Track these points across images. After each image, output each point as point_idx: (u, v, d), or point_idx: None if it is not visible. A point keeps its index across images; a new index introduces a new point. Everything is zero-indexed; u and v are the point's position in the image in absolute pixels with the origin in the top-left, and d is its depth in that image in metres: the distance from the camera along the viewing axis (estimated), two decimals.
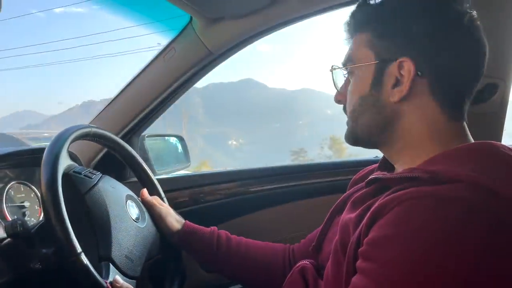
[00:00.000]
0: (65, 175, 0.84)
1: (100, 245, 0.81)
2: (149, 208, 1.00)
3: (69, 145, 0.85)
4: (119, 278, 0.78)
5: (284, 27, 1.14)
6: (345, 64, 0.75)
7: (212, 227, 1.04)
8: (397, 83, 0.67)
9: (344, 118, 0.76)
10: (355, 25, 0.73)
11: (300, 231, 1.12)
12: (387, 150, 0.74)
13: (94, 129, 0.94)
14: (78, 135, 0.88)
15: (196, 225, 1.03)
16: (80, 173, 0.88)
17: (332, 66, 0.78)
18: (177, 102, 1.32)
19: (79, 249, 0.73)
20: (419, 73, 0.65)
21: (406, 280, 0.53)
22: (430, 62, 0.65)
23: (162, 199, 1.08)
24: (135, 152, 1.06)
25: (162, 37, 1.27)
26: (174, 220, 1.02)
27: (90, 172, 0.91)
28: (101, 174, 0.93)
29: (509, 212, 0.54)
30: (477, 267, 0.51)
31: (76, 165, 0.91)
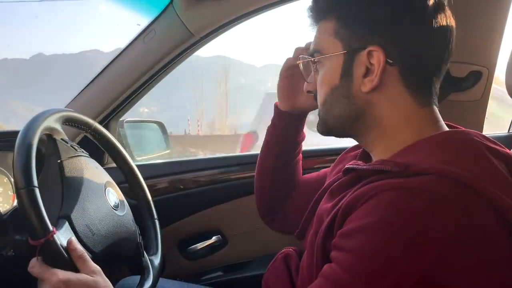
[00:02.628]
0: (51, 138, 0.83)
1: (64, 205, 0.77)
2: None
3: (42, 130, 0.82)
4: (75, 240, 0.72)
5: (269, 9, 1.12)
6: (312, 55, 0.73)
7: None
8: (367, 72, 0.65)
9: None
10: (319, 12, 0.71)
11: None
12: (361, 140, 0.73)
13: (67, 113, 0.90)
14: (53, 118, 0.85)
15: None
16: (66, 142, 0.86)
17: (300, 57, 0.77)
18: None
19: (34, 183, 0.68)
20: (389, 61, 0.63)
21: (372, 269, 0.54)
22: (398, 48, 0.64)
23: (141, 186, 1.05)
24: (113, 137, 1.03)
25: (141, 17, 1.23)
26: None
27: (78, 147, 0.89)
28: (88, 154, 0.91)
29: (477, 204, 0.54)
30: (442, 259, 0.52)
31: (66, 136, 0.88)
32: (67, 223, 0.74)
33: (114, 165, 1.06)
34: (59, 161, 0.81)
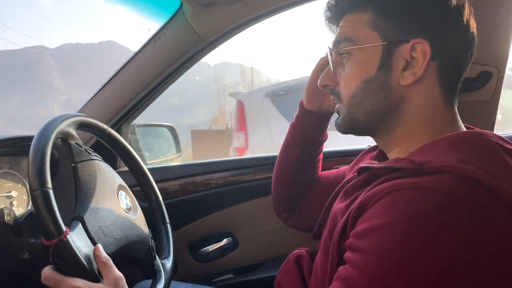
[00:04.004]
0: (66, 142, 0.84)
1: (77, 207, 0.78)
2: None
3: (56, 135, 0.83)
4: (101, 248, 0.72)
5: (277, 13, 1.13)
6: (338, 45, 0.70)
7: None
8: (407, 65, 0.65)
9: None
10: (349, 5, 0.70)
11: None
12: (382, 139, 0.72)
13: (80, 118, 0.92)
14: (67, 123, 0.86)
15: None
16: (81, 146, 0.87)
17: (329, 48, 0.73)
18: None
19: (48, 184, 0.69)
20: (433, 56, 0.63)
21: (389, 269, 0.53)
22: (440, 44, 0.64)
23: (153, 189, 1.06)
24: (125, 142, 1.04)
25: (152, 23, 1.25)
26: None
27: (91, 150, 0.90)
28: (101, 158, 0.93)
29: (493, 204, 0.54)
30: (459, 258, 0.52)
31: (80, 140, 0.90)
32: (80, 224, 0.75)
33: (126, 168, 1.08)
34: (73, 164, 0.82)
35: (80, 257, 0.68)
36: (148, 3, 1.29)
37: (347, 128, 0.72)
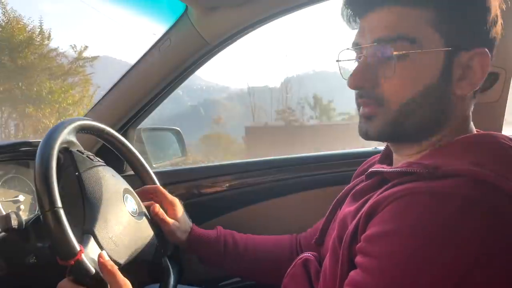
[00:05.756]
0: (67, 150, 0.83)
1: (86, 219, 0.78)
2: (159, 224, 0.96)
3: (62, 139, 0.83)
4: (105, 254, 0.73)
5: (282, 16, 1.12)
6: (392, 42, 0.60)
7: (219, 230, 1.03)
8: (463, 74, 0.62)
9: None
10: None
11: (299, 224, 1.11)
12: (404, 145, 0.68)
13: (86, 122, 0.92)
14: (73, 127, 0.86)
15: (203, 232, 1.01)
16: (82, 153, 0.87)
17: (375, 40, 0.62)
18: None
19: (58, 204, 0.69)
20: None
21: (400, 276, 0.53)
22: (497, 53, 0.63)
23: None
24: (131, 146, 1.05)
25: (157, 27, 1.25)
26: (182, 233, 0.99)
27: (93, 156, 0.89)
28: (103, 162, 0.92)
29: (508, 206, 0.53)
30: (477, 263, 0.51)
31: (81, 146, 0.90)
32: (92, 238, 0.76)
33: (132, 172, 1.08)
34: (77, 173, 0.82)
35: (95, 271, 0.70)
36: (152, 7, 1.30)
37: (385, 136, 0.66)
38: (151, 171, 1.07)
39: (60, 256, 0.68)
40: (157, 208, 0.94)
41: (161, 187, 1.01)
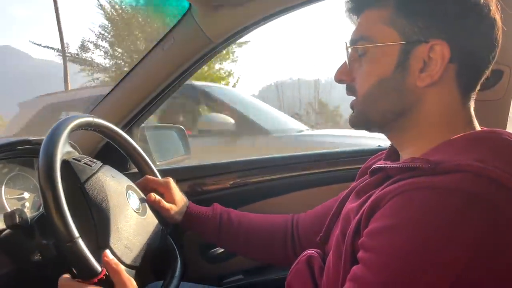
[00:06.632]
0: (64, 162, 0.82)
1: (99, 233, 0.79)
2: (159, 211, 0.99)
3: (68, 134, 0.83)
4: (109, 252, 0.76)
5: (285, 14, 1.12)
6: (355, 43, 0.69)
7: (214, 207, 1.07)
8: (424, 66, 0.63)
9: None
10: (368, 0, 0.68)
11: None
12: (397, 137, 0.71)
13: (91, 119, 0.92)
14: (77, 124, 0.87)
15: (198, 210, 1.05)
16: (79, 161, 0.86)
17: (346, 43, 0.72)
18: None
19: (76, 234, 0.71)
20: (452, 57, 0.62)
21: (401, 270, 0.53)
22: (460, 46, 0.62)
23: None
24: (135, 143, 1.05)
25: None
26: (180, 214, 1.03)
27: (90, 160, 0.89)
28: (101, 163, 0.92)
29: (510, 203, 0.53)
30: (477, 258, 0.51)
31: (76, 153, 0.89)
32: (109, 252, 0.77)
33: (136, 170, 1.08)
34: (79, 185, 0.82)
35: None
36: (156, 5, 1.30)
37: (359, 124, 0.72)
38: (155, 169, 1.08)
39: (82, 278, 0.71)
40: (153, 196, 0.97)
41: (149, 176, 1.04)
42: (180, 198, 1.04)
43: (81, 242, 0.71)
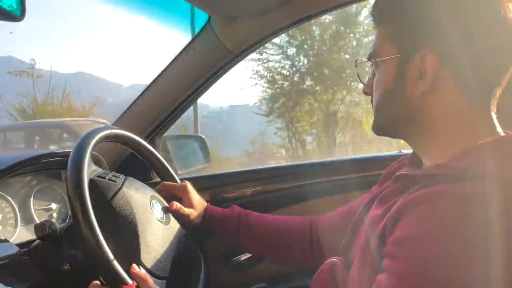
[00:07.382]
0: (90, 181, 0.84)
1: (129, 249, 0.82)
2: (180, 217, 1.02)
3: (92, 148, 0.85)
4: (135, 266, 0.79)
5: (303, 23, 1.14)
6: (369, 58, 0.74)
7: (232, 209, 1.09)
8: (420, 76, 0.66)
9: None
10: (376, 18, 0.73)
11: None
12: (413, 143, 0.73)
13: (115, 131, 0.94)
14: (100, 138, 0.88)
15: (217, 211, 1.08)
16: (104, 178, 0.88)
17: (357, 60, 0.79)
18: None
19: (111, 256, 0.74)
20: (442, 65, 0.63)
21: (428, 279, 0.52)
22: (451, 53, 0.63)
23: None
24: (157, 153, 1.07)
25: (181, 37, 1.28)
26: (199, 218, 1.05)
27: (113, 175, 0.90)
28: (124, 177, 0.93)
29: None
30: (504, 268, 0.50)
31: (100, 169, 0.91)
32: (141, 268, 0.80)
33: (159, 179, 1.10)
34: (106, 203, 0.84)
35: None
36: (176, 17, 1.32)
37: (378, 132, 0.76)
38: (177, 179, 1.09)
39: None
40: (175, 205, 1.00)
41: (166, 182, 1.07)
42: (198, 201, 1.06)
43: (116, 264, 0.74)
